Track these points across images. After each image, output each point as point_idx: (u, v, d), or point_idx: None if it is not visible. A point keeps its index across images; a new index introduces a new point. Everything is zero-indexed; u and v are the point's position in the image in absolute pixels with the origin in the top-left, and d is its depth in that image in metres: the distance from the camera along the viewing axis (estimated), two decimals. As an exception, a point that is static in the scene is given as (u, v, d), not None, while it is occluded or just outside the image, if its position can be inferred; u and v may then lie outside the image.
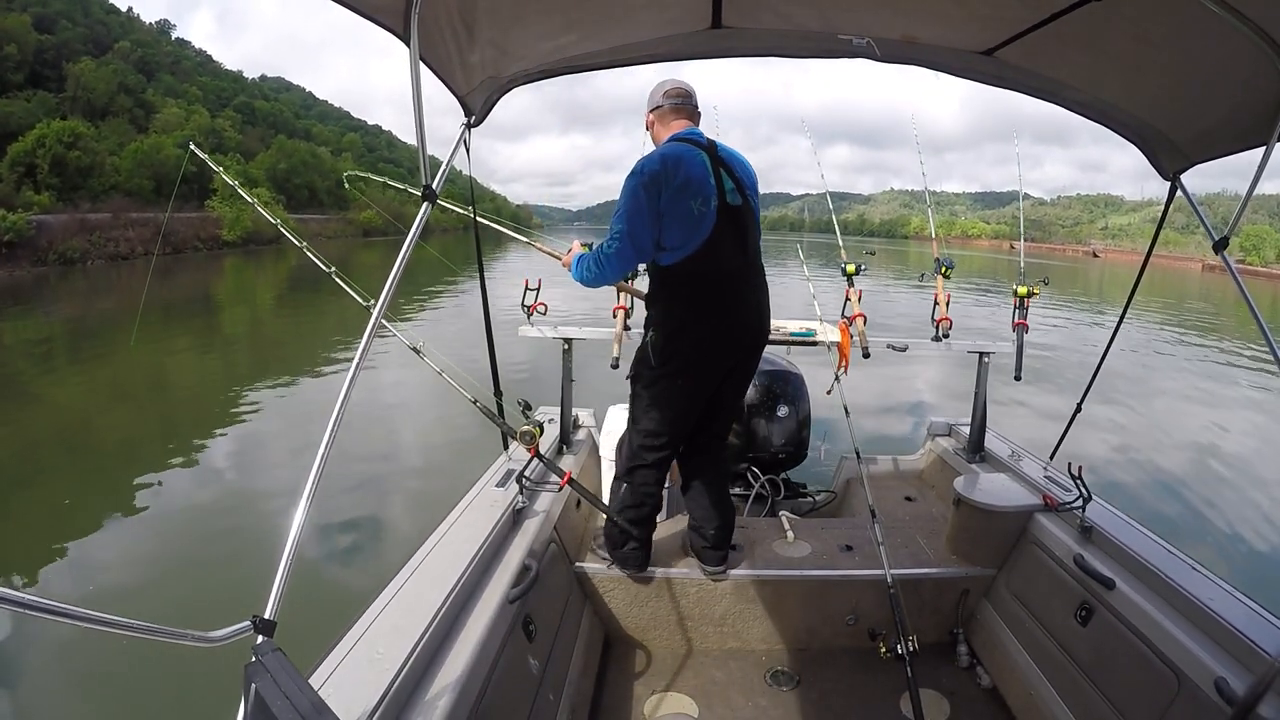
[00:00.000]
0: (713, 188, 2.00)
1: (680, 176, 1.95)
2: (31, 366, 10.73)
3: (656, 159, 1.98)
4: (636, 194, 1.94)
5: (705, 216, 1.98)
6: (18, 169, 32.47)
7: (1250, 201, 1.78)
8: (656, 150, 2.05)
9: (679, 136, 2.09)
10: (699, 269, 1.99)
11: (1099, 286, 35.68)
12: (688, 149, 2.03)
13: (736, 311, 2.08)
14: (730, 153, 2.13)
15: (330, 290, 2.65)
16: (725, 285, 2.05)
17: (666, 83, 2.19)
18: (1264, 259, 74.49)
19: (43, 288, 21.66)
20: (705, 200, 1.97)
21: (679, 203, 1.95)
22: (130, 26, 64.20)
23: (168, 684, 3.09)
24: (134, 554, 4.51)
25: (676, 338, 2.05)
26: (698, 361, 2.07)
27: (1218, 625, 1.60)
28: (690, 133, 2.11)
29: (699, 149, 2.04)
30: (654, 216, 1.95)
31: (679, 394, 2.11)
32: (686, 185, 1.95)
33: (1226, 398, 9.58)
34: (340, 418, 1.22)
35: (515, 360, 6.92)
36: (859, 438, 2.81)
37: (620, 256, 1.99)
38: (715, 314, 2.04)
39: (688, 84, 2.20)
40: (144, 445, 6.83)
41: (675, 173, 1.95)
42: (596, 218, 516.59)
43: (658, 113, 2.19)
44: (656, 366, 2.08)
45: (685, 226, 1.97)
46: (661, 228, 1.97)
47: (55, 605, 0.74)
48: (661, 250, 2.01)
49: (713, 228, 1.98)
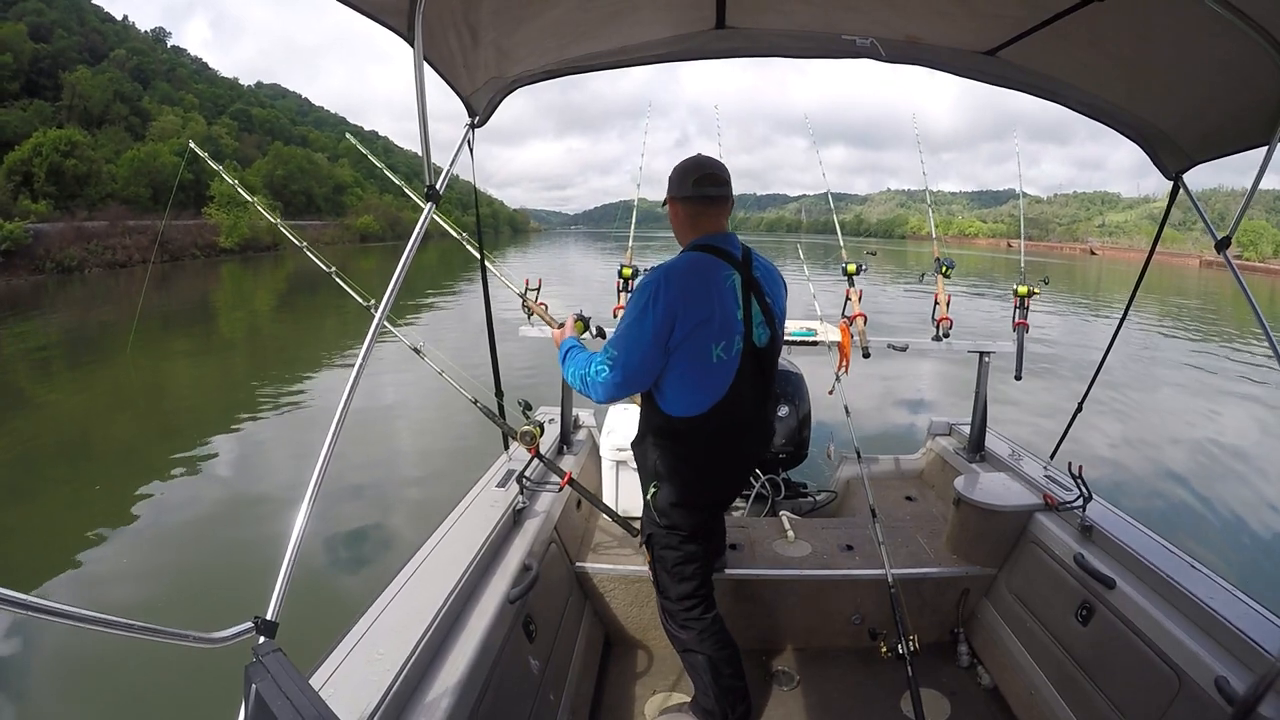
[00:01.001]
0: (740, 325, 1.64)
1: (704, 310, 1.59)
2: (30, 375, 10.71)
3: (678, 281, 1.60)
4: (645, 317, 1.58)
5: (725, 365, 1.63)
6: (15, 178, 32.47)
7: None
8: (679, 263, 1.65)
9: (709, 244, 1.68)
10: (709, 427, 1.66)
11: (1096, 284, 35.73)
12: (718, 268, 1.65)
13: (752, 449, 1.82)
14: (765, 269, 1.76)
15: (329, 295, 2.65)
16: (740, 434, 1.73)
17: (696, 165, 1.73)
18: (1261, 254, 74.71)
19: (40, 296, 21.63)
20: (729, 343, 1.62)
21: (696, 342, 1.59)
22: (126, 35, 64.36)
23: (169, 685, 3.09)
24: (135, 556, 4.52)
25: (684, 497, 1.75)
26: (713, 508, 1.86)
27: (1218, 624, 1.60)
28: (724, 240, 1.71)
29: (732, 268, 1.66)
30: (661, 351, 1.60)
31: (699, 550, 1.85)
32: (709, 323, 1.59)
33: (1227, 396, 9.58)
34: (343, 420, 1.21)
35: (516, 360, 6.95)
36: (859, 438, 2.81)
37: (609, 389, 1.64)
38: (728, 463, 1.77)
39: (719, 163, 1.76)
40: (145, 451, 6.83)
41: (698, 304, 1.59)
42: (594, 220, 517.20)
43: (685, 204, 1.74)
44: (665, 528, 1.80)
45: (699, 375, 1.63)
46: (669, 366, 1.62)
47: (57, 606, 0.74)
48: (660, 391, 1.68)
49: (733, 379, 1.64)
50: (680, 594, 1.87)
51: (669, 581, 1.87)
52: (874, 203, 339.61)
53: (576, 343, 1.83)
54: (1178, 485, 5.97)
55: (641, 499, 1.85)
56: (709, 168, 1.73)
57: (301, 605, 1.28)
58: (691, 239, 1.72)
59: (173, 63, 70.56)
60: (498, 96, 1.88)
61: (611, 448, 2.69)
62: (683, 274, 1.62)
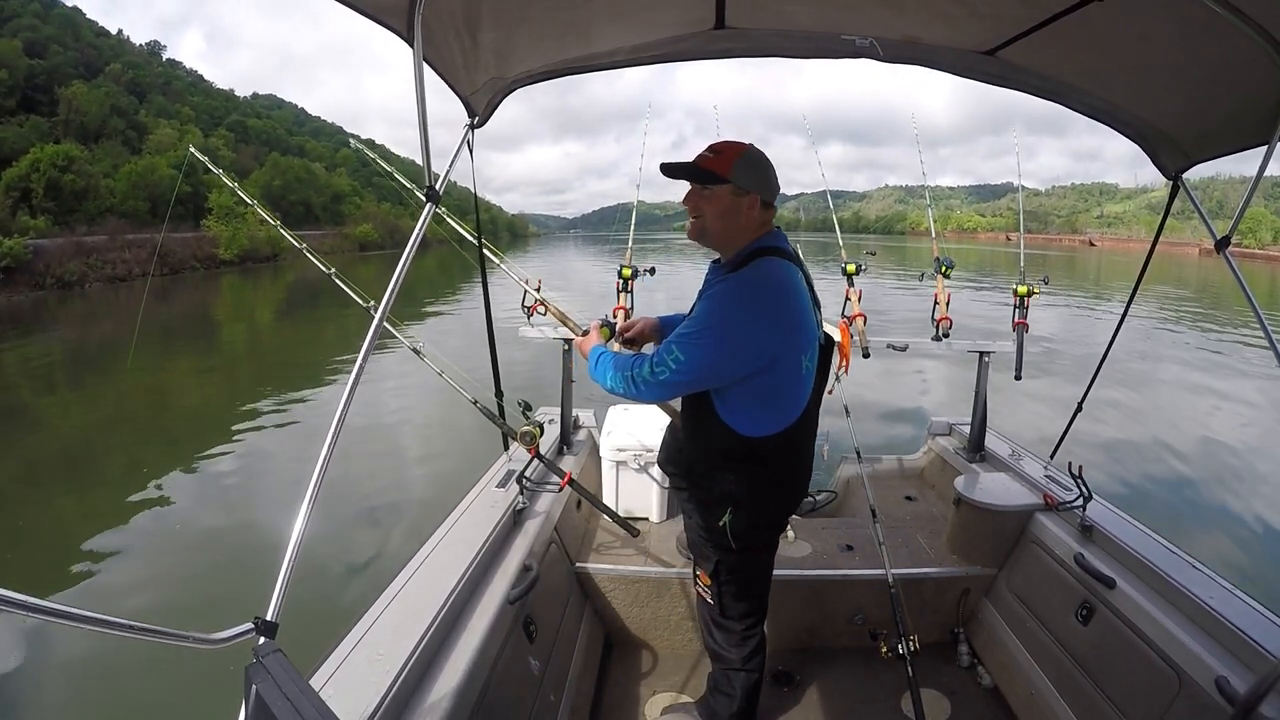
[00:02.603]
0: (815, 329, 1.53)
1: (801, 323, 1.46)
2: (33, 389, 10.73)
3: (775, 298, 1.43)
4: (730, 338, 1.41)
5: (809, 375, 1.51)
6: (13, 194, 32.50)
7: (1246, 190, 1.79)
8: (771, 274, 1.46)
9: (775, 246, 1.52)
10: (792, 443, 1.55)
11: (1096, 276, 35.69)
12: (794, 273, 1.50)
13: (813, 450, 1.71)
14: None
15: (329, 306, 2.66)
16: (812, 438, 1.64)
17: (768, 161, 1.54)
18: (1260, 241, 74.75)
19: (41, 312, 21.65)
20: (813, 352, 1.51)
21: (789, 359, 1.45)
22: (121, 49, 64.59)
23: (169, 685, 3.10)
24: (136, 558, 4.56)
25: (764, 517, 1.65)
26: (785, 520, 1.79)
27: (1219, 624, 1.60)
28: (782, 238, 1.56)
29: (798, 268, 1.53)
30: (740, 373, 1.44)
31: (767, 565, 1.82)
32: (798, 331, 1.45)
33: (1227, 395, 9.56)
34: (342, 421, 1.22)
35: (516, 361, 6.97)
36: (859, 438, 2.80)
37: (668, 388, 1.49)
38: (805, 472, 1.68)
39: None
40: (147, 459, 6.85)
41: (798, 320, 1.45)
42: (592, 224, 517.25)
43: (765, 209, 1.54)
44: (739, 550, 1.66)
45: (787, 392, 1.49)
46: (754, 387, 1.47)
47: (58, 607, 0.74)
48: (735, 414, 1.51)
49: (812, 388, 1.54)
50: (742, 612, 1.80)
51: (731, 602, 1.77)
52: (872, 199, 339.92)
53: (605, 349, 1.73)
54: (1178, 485, 5.95)
55: (647, 500, 1.77)
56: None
57: (301, 606, 1.28)
58: (749, 241, 1.53)
59: (168, 76, 70.74)
60: (497, 97, 1.88)
61: (611, 448, 2.68)
62: (771, 290, 1.44)
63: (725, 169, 1.49)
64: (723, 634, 1.84)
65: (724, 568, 1.71)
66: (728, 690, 1.87)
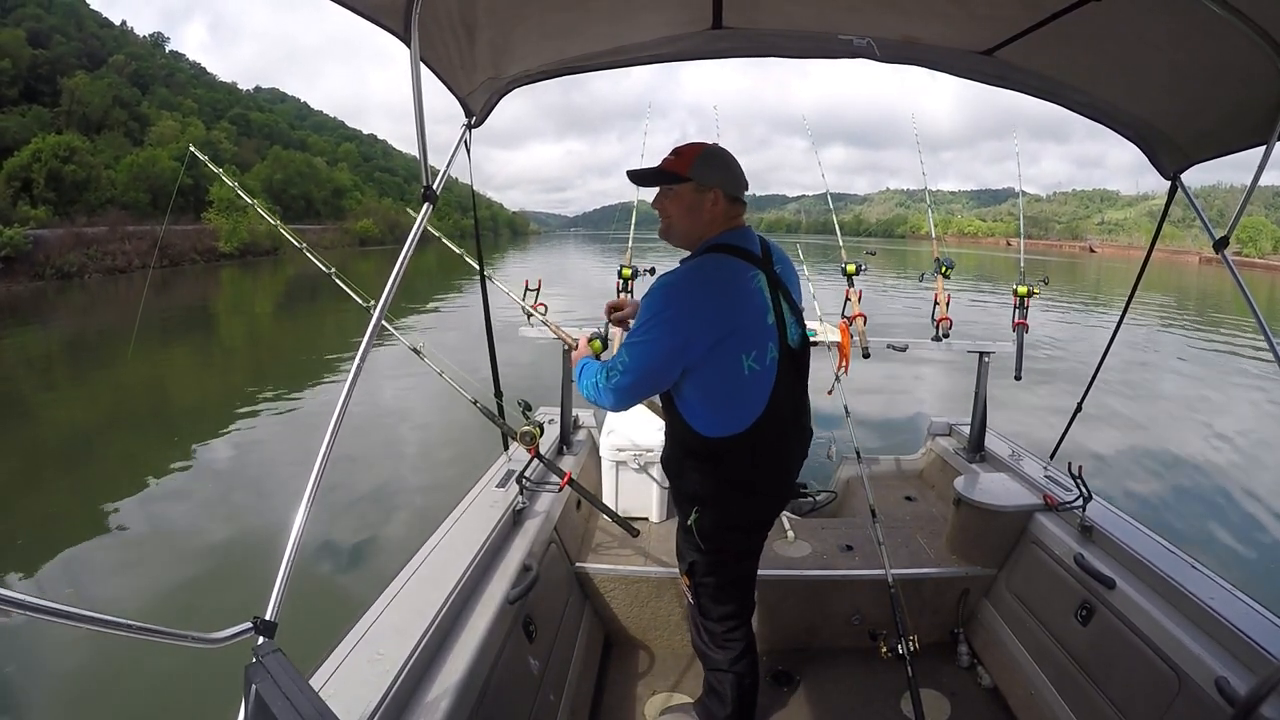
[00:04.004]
0: (773, 330, 1.49)
1: (727, 323, 1.43)
2: (32, 381, 10.72)
3: (701, 292, 1.44)
4: (662, 335, 1.43)
5: (761, 376, 1.48)
6: (14, 184, 32.42)
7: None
8: (692, 272, 1.48)
9: (728, 244, 1.51)
10: (751, 445, 1.52)
11: (1096, 282, 35.74)
12: (740, 271, 1.49)
13: (795, 459, 1.67)
14: (784, 261, 1.63)
15: (328, 299, 2.66)
16: (784, 446, 1.60)
17: (730, 156, 1.55)
18: (1260, 250, 74.82)
19: (41, 302, 21.61)
20: (761, 352, 1.47)
21: (722, 357, 1.44)
22: (124, 40, 64.30)
23: (169, 685, 3.09)
24: (136, 557, 4.53)
25: (731, 519, 1.64)
26: (759, 525, 1.73)
27: (1219, 625, 1.60)
28: (743, 237, 1.55)
29: (756, 268, 1.51)
30: (672, 365, 1.45)
31: (746, 569, 1.81)
32: (737, 333, 1.44)
33: (1227, 395, 9.58)
34: (341, 419, 1.21)
35: (515, 361, 6.97)
36: (859, 438, 2.80)
37: (619, 395, 1.50)
38: (775, 479, 1.64)
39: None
40: (145, 455, 6.84)
41: (718, 317, 1.43)
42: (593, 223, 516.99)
43: (731, 202, 1.54)
44: (709, 551, 1.67)
45: (731, 391, 1.48)
46: (695, 384, 1.48)
47: (56, 606, 0.74)
48: (690, 411, 1.53)
49: (772, 390, 1.49)
50: (723, 614, 1.79)
51: (710, 603, 1.78)
52: (873, 203, 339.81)
53: (590, 360, 1.74)
54: (1178, 485, 5.97)
55: (647, 500, 1.79)
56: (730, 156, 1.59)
57: (301, 605, 1.28)
58: (708, 237, 1.54)
59: (171, 67, 70.51)
60: (495, 97, 1.87)
61: (611, 448, 2.68)
62: (698, 285, 1.45)
63: (684, 168, 1.51)
64: (706, 634, 1.85)
65: (699, 568, 1.73)
66: (720, 692, 1.88)
